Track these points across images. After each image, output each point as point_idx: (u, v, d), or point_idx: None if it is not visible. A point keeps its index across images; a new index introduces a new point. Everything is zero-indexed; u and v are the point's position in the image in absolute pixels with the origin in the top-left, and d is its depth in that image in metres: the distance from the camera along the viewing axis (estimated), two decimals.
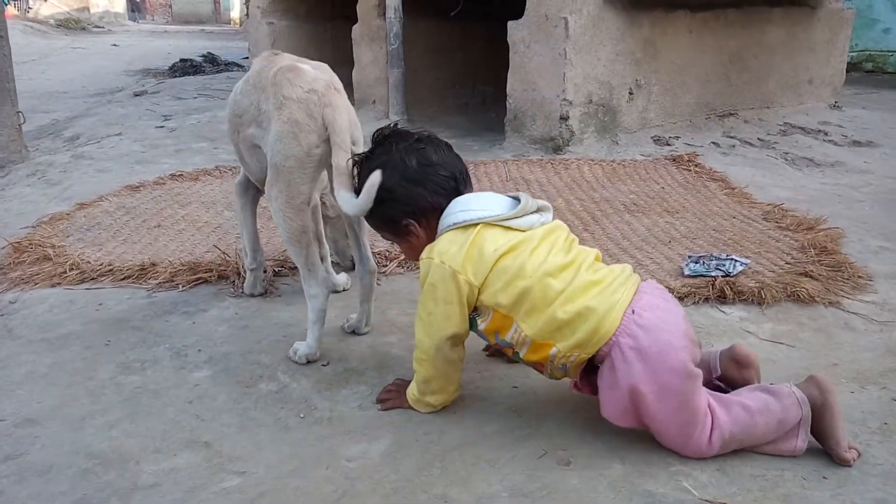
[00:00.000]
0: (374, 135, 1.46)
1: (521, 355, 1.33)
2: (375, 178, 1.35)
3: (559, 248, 1.32)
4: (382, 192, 1.36)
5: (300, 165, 1.55)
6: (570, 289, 1.27)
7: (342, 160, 1.48)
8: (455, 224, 1.33)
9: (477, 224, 1.31)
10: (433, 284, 1.32)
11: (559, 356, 1.28)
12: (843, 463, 1.24)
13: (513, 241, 1.30)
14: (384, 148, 1.42)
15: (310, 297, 1.62)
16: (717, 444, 1.25)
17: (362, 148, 1.57)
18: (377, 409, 1.44)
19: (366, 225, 1.70)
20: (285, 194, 1.57)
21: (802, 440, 1.26)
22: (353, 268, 2.15)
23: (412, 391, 1.42)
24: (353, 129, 1.58)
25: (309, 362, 1.61)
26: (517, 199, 1.36)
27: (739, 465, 1.25)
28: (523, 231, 1.32)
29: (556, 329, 1.27)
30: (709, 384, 1.34)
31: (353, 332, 1.75)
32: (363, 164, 1.44)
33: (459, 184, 1.40)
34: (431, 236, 1.39)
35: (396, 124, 1.50)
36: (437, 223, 1.37)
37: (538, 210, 1.37)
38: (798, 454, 1.26)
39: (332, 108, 1.53)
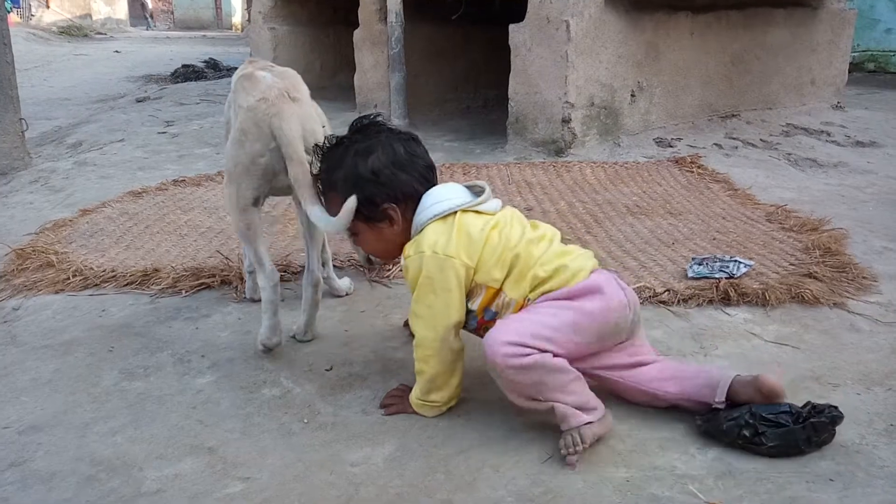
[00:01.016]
0: (352, 123, 1.48)
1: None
2: (352, 203, 1.38)
3: (527, 226, 1.43)
4: (368, 173, 1.39)
5: (246, 172, 1.59)
6: (546, 255, 1.38)
7: (297, 173, 1.49)
8: (435, 216, 1.38)
9: (455, 212, 1.38)
10: (429, 277, 1.34)
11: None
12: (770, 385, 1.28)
13: (492, 221, 1.38)
14: (364, 135, 1.44)
15: (261, 289, 1.68)
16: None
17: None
18: (381, 415, 1.43)
19: (319, 238, 1.73)
20: (234, 196, 1.63)
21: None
22: (368, 265, 2.14)
23: (415, 395, 1.42)
24: (309, 138, 1.57)
25: (267, 349, 1.66)
26: (472, 188, 1.45)
27: (746, 469, 1.24)
28: (492, 214, 1.41)
29: (536, 286, 1.36)
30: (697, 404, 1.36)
31: (294, 338, 1.76)
32: (339, 150, 1.44)
33: (434, 176, 1.47)
34: (406, 226, 1.42)
35: (376, 116, 1.51)
36: (412, 212, 1.42)
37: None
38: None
39: (279, 117, 1.52)
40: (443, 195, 1.41)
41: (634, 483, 1.21)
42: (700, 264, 2.10)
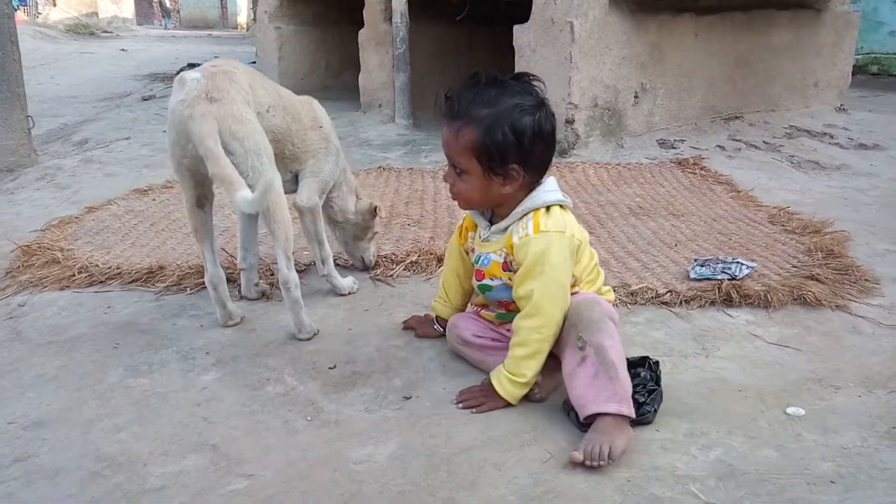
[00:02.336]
0: (510, 76, 1.42)
1: None
2: (272, 185, 1.48)
3: None
4: (520, 129, 1.35)
5: (177, 172, 1.68)
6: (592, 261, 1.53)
7: (212, 169, 1.52)
8: (559, 201, 1.43)
9: (562, 205, 1.44)
10: (566, 258, 1.39)
11: None
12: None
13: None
14: (523, 87, 1.39)
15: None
16: None
17: (244, 157, 1.59)
18: (391, 412, 1.43)
19: (281, 236, 1.68)
20: (183, 198, 1.72)
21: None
22: (364, 268, 2.17)
23: (526, 380, 1.41)
24: (228, 138, 1.57)
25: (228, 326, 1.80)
26: None
27: (747, 470, 1.25)
28: None
29: (592, 289, 1.50)
30: None
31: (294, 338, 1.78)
32: (494, 89, 1.38)
33: None
34: (513, 193, 1.43)
35: (534, 78, 1.44)
36: (528, 185, 1.43)
37: None
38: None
39: (192, 119, 1.54)
40: (556, 185, 1.46)
41: (636, 483, 1.22)
42: (702, 265, 2.10)
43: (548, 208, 1.42)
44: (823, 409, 1.44)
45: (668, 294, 1.95)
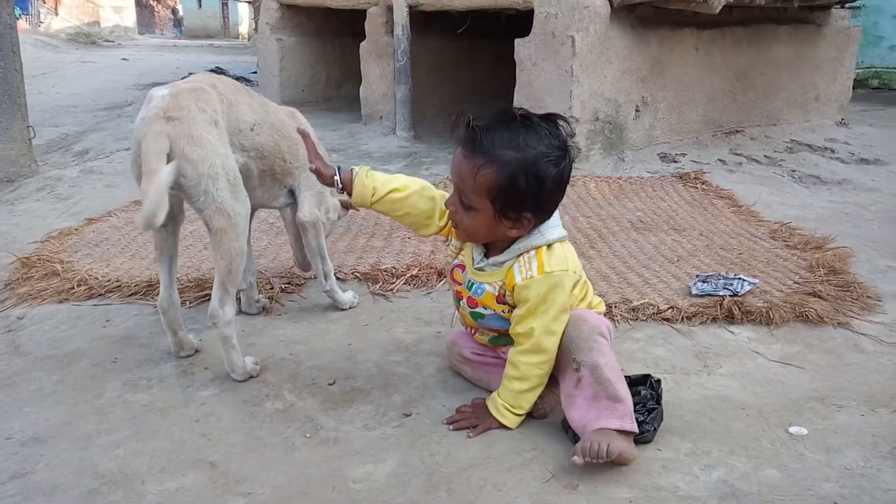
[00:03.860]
0: (543, 115, 1.34)
1: None
2: (167, 172, 1.40)
3: None
4: (543, 180, 1.29)
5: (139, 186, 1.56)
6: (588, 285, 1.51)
7: (144, 185, 1.42)
8: (559, 238, 1.40)
9: (564, 240, 1.42)
10: (566, 294, 1.38)
11: None
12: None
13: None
14: (554, 130, 1.33)
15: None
16: None
17: (197, 181, 1.49)
18: (390, 429, 1.42)
19: (225, 268, 1.56)
20: None
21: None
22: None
23: (522, 409, 1.42)
24: (180, 160, 1.49)
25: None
26: None
27: (749, 491, 1.24)
28: None
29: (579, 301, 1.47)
30: None
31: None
32: (525, 130, 1.30)
33: None
34: (517, 234, 1.39)
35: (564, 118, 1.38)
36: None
37: None
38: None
39: (145, 137, 1.49)
40: (558, 220, 1.42)
41: None
42: (704, 282, 2.10)
43: (549, 245, 1.39)
44: (826, 428, 1.43)
45: (670, 310, 1.95)
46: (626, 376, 1.39)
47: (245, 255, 1.60)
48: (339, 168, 1.52)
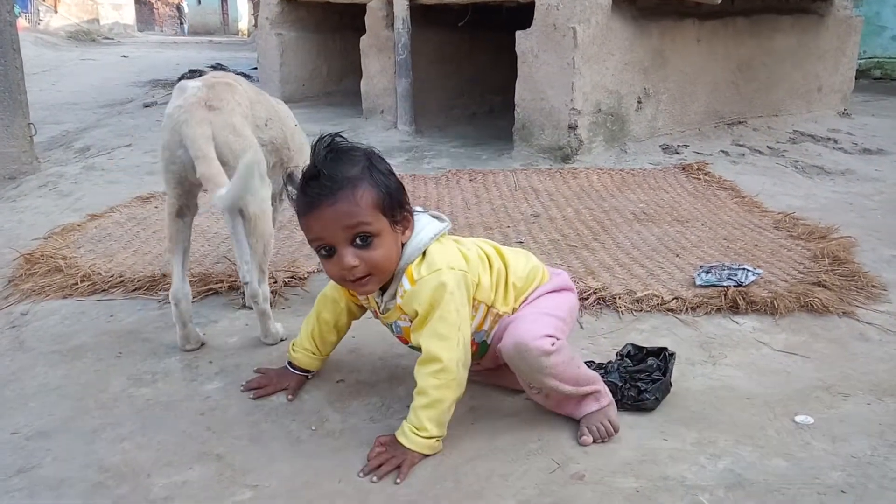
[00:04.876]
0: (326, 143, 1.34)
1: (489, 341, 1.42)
2: (248, 159, 1.43)
3: (483, 242, 1.47)
4: (379, 172, 1.31)
5: (164, 174, 1.67)
6: (514, 264, 1.44)
7: (202, 169, 1.51)
8: (431, 238, 1.36)
9: (440, 236, 1.38)
10: (451, 293, 1.29)
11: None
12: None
13: (471, 241, 1.44)
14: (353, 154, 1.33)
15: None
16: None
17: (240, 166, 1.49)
18: (395, 421, 1.41)
19: (258, 248, 1.66)
20: (166, 203, 1.71)
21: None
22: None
23: (428, 433, 1.29)
24: (222, 148, 1.55)
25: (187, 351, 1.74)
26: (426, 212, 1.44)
27: (756, 480, 1.24)
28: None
29: (518, 295, 1.43)
30: None
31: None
32: (348, 152, 1.33)
33: None
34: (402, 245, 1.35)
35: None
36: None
37: None
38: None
39: (187, 123, 1.54)
40: (423, 221, 1.38)
41: (644, 494, 1.20)
42: (708, 272, 2.09)
43: (424, 253, 1.34)
44: (832, 417, 1.43)
45: (674, 301, 1.94)
46: (642, 347, 1.50)
47: (273, 236, 1.72)
48: (289, 363, 1.58)
